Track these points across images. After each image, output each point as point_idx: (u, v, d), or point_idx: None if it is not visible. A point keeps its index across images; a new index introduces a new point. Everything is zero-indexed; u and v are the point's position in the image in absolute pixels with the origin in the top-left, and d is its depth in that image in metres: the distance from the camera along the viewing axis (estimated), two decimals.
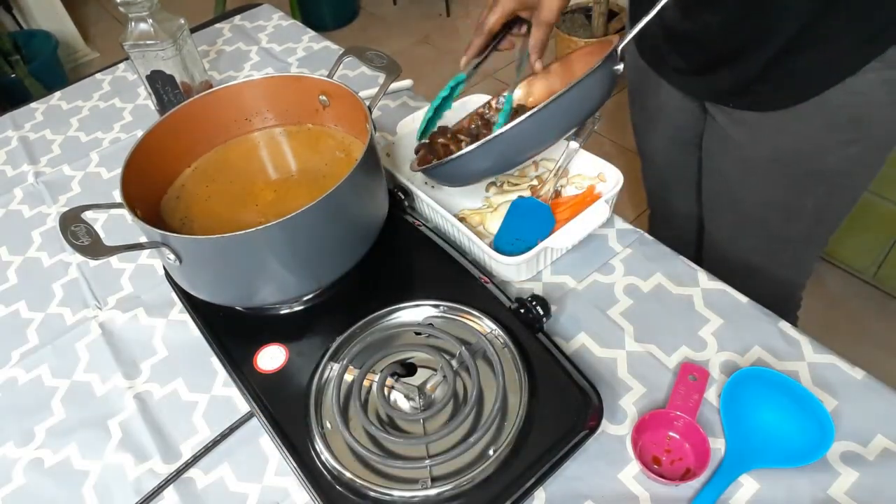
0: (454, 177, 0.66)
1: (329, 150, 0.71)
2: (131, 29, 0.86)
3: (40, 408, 0.66)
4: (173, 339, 0.70)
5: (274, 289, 0.60)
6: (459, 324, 0.61)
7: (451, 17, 2.79)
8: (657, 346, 0.62)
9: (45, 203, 0.91)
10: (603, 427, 0.56)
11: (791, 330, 0.62)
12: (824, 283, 1.50)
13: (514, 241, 0.69)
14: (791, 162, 0.72)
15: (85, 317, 0.74)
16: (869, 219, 1.34)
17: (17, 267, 0.82)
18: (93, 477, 0.60)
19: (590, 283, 0.69)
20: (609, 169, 0.73)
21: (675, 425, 0.55)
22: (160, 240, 0.55)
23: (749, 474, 0.52)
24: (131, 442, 0.62)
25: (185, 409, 0.64)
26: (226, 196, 0.68)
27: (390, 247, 0.68)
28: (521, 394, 0.54)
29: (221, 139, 0.73)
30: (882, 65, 0.60)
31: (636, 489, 0.53)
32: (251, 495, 0.57)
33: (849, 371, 0.58)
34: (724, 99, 0.73)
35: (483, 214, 0.74)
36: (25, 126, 1.05)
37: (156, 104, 0.95)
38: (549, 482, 0.53)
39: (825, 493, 0.51)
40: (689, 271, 0.68)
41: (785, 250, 0.84)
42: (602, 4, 2.05)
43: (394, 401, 0.56)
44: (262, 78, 0.71)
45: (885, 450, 0.53)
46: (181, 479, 0.58)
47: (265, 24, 1.22)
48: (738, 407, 0.55)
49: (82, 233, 0.52)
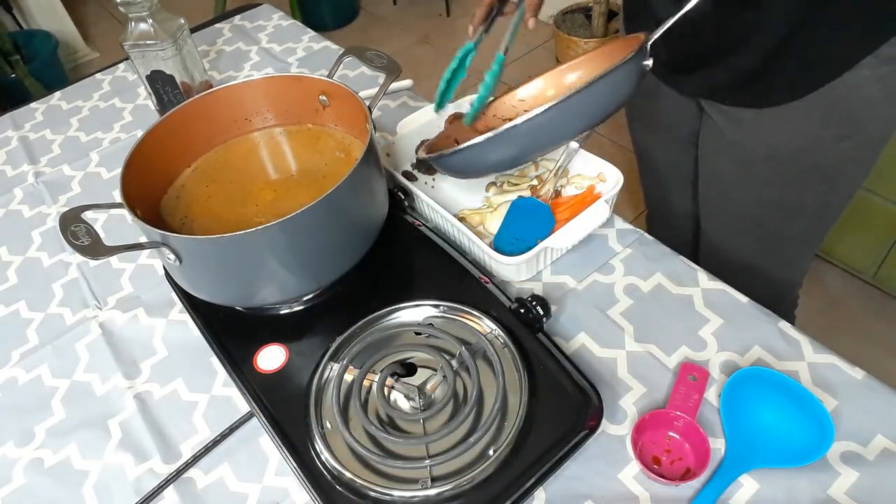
0: (466, 167, 0.63)
1: (329, 150, 0.71)
2: (131, 29, 0.86)
3: (40, 408, 0.66)
4: (173, 339, 0.70)
5: (274, 289, 0.60)
6: (459, 324, 0.61)
7: (450, 17, 2.79)
8: (657, 346, 0.62)
9: (45, 203, 0.91)
10: (603, 427, 0.56)
11: (791, 330, 0.62)
12: (824, 282, 1.50)
13: (514, 241, 0.69)
14: (787, 159, 0.72)
15: (85, 317, 0.74)
16: (869, 219, 1.34)
17: (17, 267, 0.82)
18: (93, 477, 0.60)
19: (590, 283, 0.69)
20: (609, 169, 0.73)
21: (675, 425, 0.55)
22: (160, 240, 0.55)
23: (749, 474, 0.52)
24: (131, 442, 0.62)
25: (185, 409, 0.64)
26: (226, 196, 0.68)
27: (390, 247, 0.68)
28: (521, 394, 0.54)
29: (221, 139, 0.73)
30: (876, 60, 0.61)
31: (636, 489, 0.53)
32: (251, 495, 0.57)
33: (849, 371, 0.58)
34: (719, 96, 0.73)
35: (483, 214, 0.74)
36: (25, 126, 1.05)
37: (156, 104, 0.95)
38: (549, 482, 0.53)
39: (825, 493, 0.51)
40: (689, 271, 0.68)
41: (781, 249, 0.84)
42: (602, 4, 2.05)
43: (394, 401, 0.56)
44: (262, 78, 0.71)
45: (885, 450, 0.53)
46: (181, 479, 0.58)
47: (265, 24, 1.22)
48: (738, 407, 0.55)
49: (82, 233, 0.52)
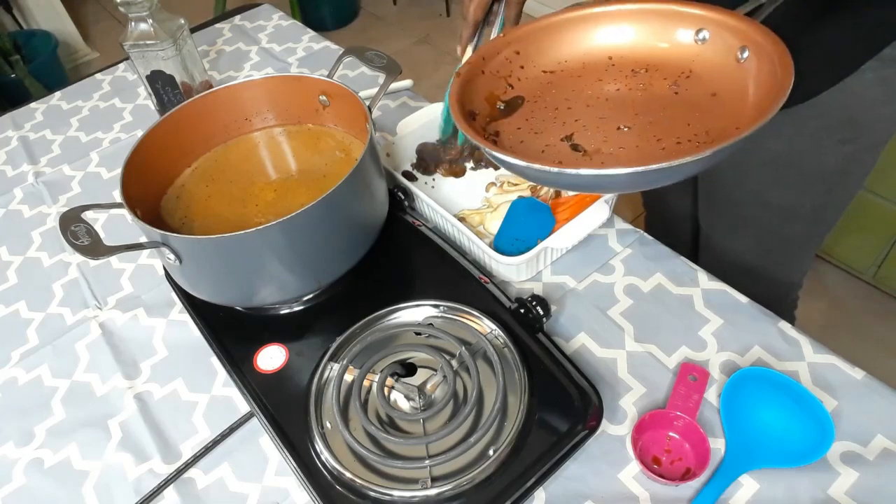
0: (562, 185, 0.55)
1: (329, 150, 0.71)
2: (131, 29, 0.86)
3: (40, 408, 0.66)
4: (173, 339, 0.70)
5: (274, 289, 0.60)
6: (459, 324, 0.61)
7: (450, 17, 2.79)
8: (657, 346, 0.62)
9: (45, 203, 0.91)
10: (603, 427, 0.56)
11: (791, 330, 0.62)
12: (824, 283, 1.50)
13: (514, 241, 0.69)
14: (788, 163, 0.72)
15: (85, 317, 0.74)
16: (869, 219, 1.34)
17: (17, 267, 0.82)
18: (93, 477, 0.60)
19: (590, 283, 0.69)
20: None
21: (675, 425, 0.55)
22: (160, 240, 0.55)
23: (749, 474, 0.52)
24: (131, 442, 0.62)
25: (185, 409, 0.64)
26: (226, 196, 0.68)
27: (390, 247, 0.68)
28: (521, 394, 0.54)
29: (221, 139, 0.73)
30: (878, 63, 0.60)
31: (636, 489, 0.53)
32: (251, 495, 0.57)
33: (849, 371, 0.58)
34: None
35: (483, 214, 0.74)
36: (25, 126, 1.05)
37: (156, 104, 0.95)
38: (549, 482, 0.53)
39: (825, 493, 0.51)
40: (689, 271, 0.68)
41: (781, 250, 0.84)
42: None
43: (394, 401, 0.56)
44: (263, 78, 0.71)
45: (885, 450, 0.53)
46: (181, 479, 0.58)
47: (265, 24, 1.22)
48: (738, 407, 0.55)
49: (82, 233, 0.52)
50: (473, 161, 0.81)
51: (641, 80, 0.58)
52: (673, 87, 0.56)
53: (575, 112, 0.58)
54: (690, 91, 0.56)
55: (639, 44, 0.59)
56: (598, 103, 0.58)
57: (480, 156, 0.81)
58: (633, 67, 0.59)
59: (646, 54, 0.59)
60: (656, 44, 0.58)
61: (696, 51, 0.57)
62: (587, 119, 0.57)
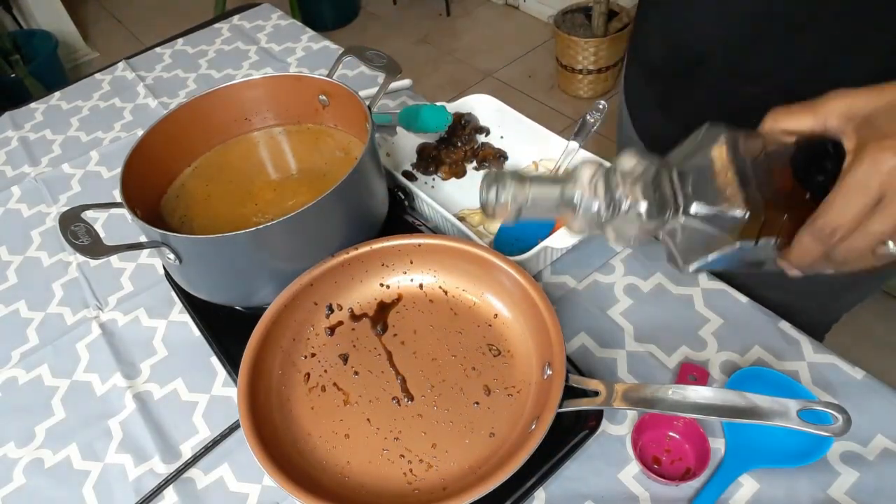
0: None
1: (329, 149, 0.71)
2: None
3: (40, 408, 0.66)
4: (173, 339, 0.70)
5: (274, 288, 0.60)
6: None
7: (450, 16, 2.79)
8: (657, 346, 0.62)
9: (44, 202, 0.90)
10: (603, 427, 0.56)
11: (791, 330, 0.62)
12: None
13: (514, 241, 0.69)
14: None
15: (85, 317, 0.74)
16: None
17: (17, 267, 0.82)
18: (93, 477, 0.60)
19: (590, 283, 0.69)
20: None
21: (675, 425, 0.55)
22: (160, 239, 0.55)
23: (749, 474, 0.52)
24: (131, 442, 0.62)
25: (185, 409, 0.64)
26: (225, 195, 0.68)
27: None
28: None
29: (221, 139, 0.73)
30: None
31: (636, 489, 0.53)
32: (251, 495, 0.57)
33: (849, 371, 0.58)
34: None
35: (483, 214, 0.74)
36: (25, 126, 1.05)
37: None
38: (549, 482, 0.53)
39: (825, 493, 0.51)
40: None
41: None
42: (602, 4, 2.05)
43: None
44: (262, 77, 0.71)
45: (885, 450, 0.53)
46: (181, 479, 0.58)
47: (264, 24, 1.22)
48: None
49: (82, 232, 0.52)
50: (476, 162, 0.81)
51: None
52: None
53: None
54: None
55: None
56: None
57: (483, 156, 0.81)
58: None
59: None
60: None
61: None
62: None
